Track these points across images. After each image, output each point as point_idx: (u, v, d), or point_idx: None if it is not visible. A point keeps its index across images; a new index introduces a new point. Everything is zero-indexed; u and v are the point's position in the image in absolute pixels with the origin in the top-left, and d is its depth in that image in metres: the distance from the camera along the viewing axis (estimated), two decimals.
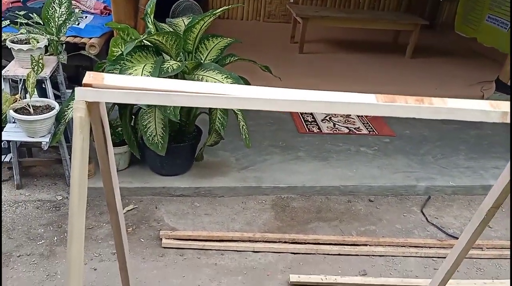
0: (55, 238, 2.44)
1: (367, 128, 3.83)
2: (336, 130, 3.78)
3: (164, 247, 2.44)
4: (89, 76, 0.94)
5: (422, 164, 3.35)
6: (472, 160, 3.47)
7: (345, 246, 2.54)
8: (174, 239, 2.48)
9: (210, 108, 2.85)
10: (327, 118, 3.98)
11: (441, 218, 2.88)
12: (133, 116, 2.85)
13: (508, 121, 0.93)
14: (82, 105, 0.90)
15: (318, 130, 3.77)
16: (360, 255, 2.51)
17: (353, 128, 3.82)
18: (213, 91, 0.92)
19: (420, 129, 3.87)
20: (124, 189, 2.78)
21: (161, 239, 2.47)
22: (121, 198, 2.82)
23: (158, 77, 2.30)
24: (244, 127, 2.77)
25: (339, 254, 2.50)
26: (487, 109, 0.92)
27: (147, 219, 2.65)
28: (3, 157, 2.85)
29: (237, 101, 0.93)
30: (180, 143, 2.87)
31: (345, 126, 3.84)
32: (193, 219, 2.68)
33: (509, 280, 2.34)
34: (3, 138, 2.48)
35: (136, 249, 2.41)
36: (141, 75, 2.28)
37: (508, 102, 0.96)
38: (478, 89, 4.61)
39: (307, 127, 3.80)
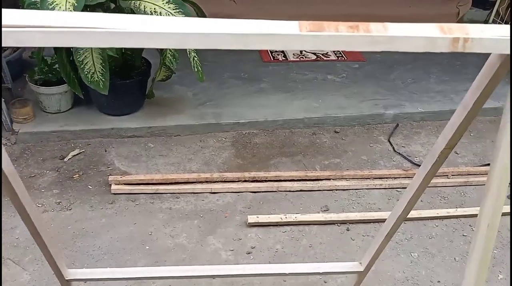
0: None
1: (335, 54, 3.60)
2: (302, 58, 3.53)
3: (114, 193, 2.28)
4: None
5: (391, 90, 3.18)
6: (443, 83, 3.30)
7: (307, 182, 2.42)
8: (124, 184, 2.32)
9: None
10: None
11: (408, 147, 2.78)
12: (72, 51, 2.56)
13: (460, 49, 0.73)
14: None
15: (283, 58, 3.52)
16: (323, 190, 2.40)
17: (320, 55, 3.58)
18: (76, 24, 0.69)
19: (392, 52, 3.64)
20: (68, 132, 2.57)
21: (111, 185, 2.32)
22: (65, 142, 2.62)
23: (85, 5, 2.00)
24: (195, 59, 2.51)
25: (301, 190, 2.39)
26: (434, 36, 0.71)
27: (95, 164, 2.47)
28: None
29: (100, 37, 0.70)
30: (127, 79, 2.62)
31: (312, 53, 3.60)
32: (146, 162, 2.52)
33: (472, 207, 2.28)
34: None
35: (83, 197, 2.26)
36: (65, 6, 1.97)
37: (466, 25, 0.76)
38: (454, 6, 4.33)
39: (271, 55, 3.54)
